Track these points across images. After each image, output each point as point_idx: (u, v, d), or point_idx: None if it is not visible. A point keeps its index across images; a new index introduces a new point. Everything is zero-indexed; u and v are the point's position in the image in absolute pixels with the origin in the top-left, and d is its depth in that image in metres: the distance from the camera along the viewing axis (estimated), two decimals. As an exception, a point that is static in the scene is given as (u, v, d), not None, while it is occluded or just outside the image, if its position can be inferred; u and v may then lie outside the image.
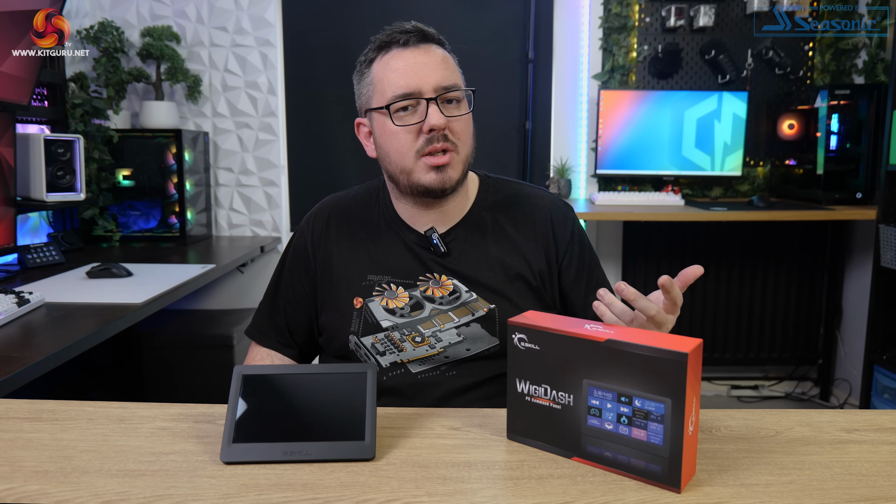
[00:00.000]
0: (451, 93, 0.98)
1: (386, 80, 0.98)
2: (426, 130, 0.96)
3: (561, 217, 1.10)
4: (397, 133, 0.98)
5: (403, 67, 0.98)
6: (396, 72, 0.98)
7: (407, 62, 0.98)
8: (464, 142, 1.01)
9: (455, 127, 0.99)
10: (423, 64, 0.98)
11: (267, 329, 1.14)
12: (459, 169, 1.00)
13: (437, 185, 0.99)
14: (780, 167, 2.86)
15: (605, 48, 2.79)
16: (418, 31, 1.00)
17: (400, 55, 0.99)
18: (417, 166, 0.99)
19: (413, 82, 0.96)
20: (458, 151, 1.00)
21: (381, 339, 1.02)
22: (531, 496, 0.63)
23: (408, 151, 0.98)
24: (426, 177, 0.99)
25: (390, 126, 0.99)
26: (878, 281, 2.34)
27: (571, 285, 1.08)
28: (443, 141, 0.97)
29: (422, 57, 0.98)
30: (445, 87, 0.98)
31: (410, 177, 1.00)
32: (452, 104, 0.99)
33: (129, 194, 2.53)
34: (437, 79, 0.97)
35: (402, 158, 0.99)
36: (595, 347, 0.67)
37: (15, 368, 1.09)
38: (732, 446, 0.74)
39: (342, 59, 2.77)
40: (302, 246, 1.12)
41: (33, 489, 0.64)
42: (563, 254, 1.08)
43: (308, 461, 0.69)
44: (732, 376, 3.05)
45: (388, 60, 0.99)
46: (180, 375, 2.40)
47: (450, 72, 1.00)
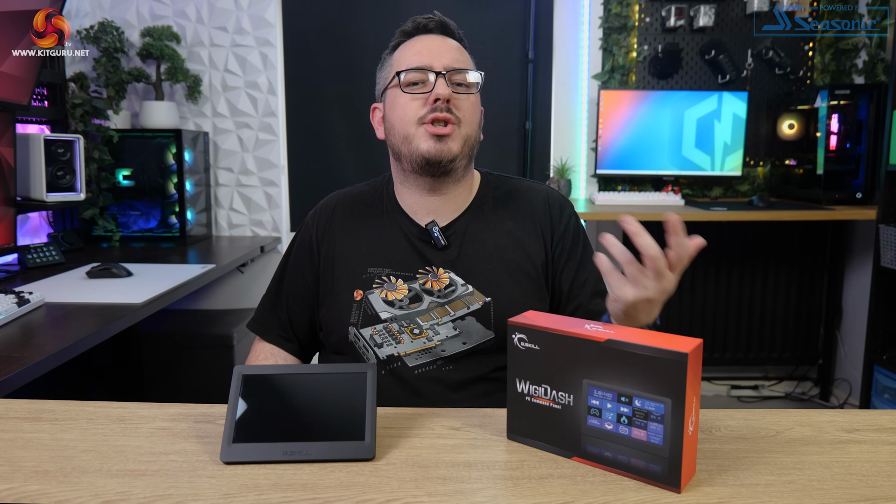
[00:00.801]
0: (460, 74, 1.04)
1: (402, 58, 1.06)
2: (431, 101, 1.01)
3: (557, 206, 1.12)
4: (405, 103, 1.03)
5: (419, 47, 1.05)
6: (412, 49, 1.06)
7: (424, 44, 1.06)
8: (468, 121, 1.04)
9: (460, 104, 1.03)
10: (439, 46, 1.05)
11: (269, 322, 1.16)
12: (460, 144, 1.03)
13: (436, 154, 1.01)
14: (780, 167, 2.86)
15: (605, 48, 2.79)
16: (440, 21, 1.08)
17: (419, 39, 1.07)
18: (418, 132, 1.02)
19: (426, 59, 1.03)
20: (461, 127, 1.03)
21: (379, 331, 1.03)
22: (531, 496, 0.63)
23: (412, 119, 1.02)
24: (426, 144, 1.01)
25: (400, 97, 1.04)
26: (878, 281, 2.35)
27: (561, 270, 1.09)
28: (446, 112, 1.01)
29: (439, 41, 1.06)
30: (455, 69, 1.03)
31: (411, 145, 1.03)
32: (461, 87, 1.05)
33: (129, 194, 2.53)
34: (449, 59, 1.04)
35: (406, 126, 1.03)
36: (595, 347, 0.67)
37: (15, 368, 1.09)
38: (732, 446, 0.74)
39: (342, 59, 2.77)
40: (306, 240, 1.14)
41: (33, 489, 0.64)
42: (557, 240, 1.09)
43: (308, 461, 0.69)
44: (732, 376, 3.05)
45: (409, 44, 1.07)
46: (180, 375, 2.40)
47: (463, 58, 1.06)
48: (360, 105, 2.76)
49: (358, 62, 2.76)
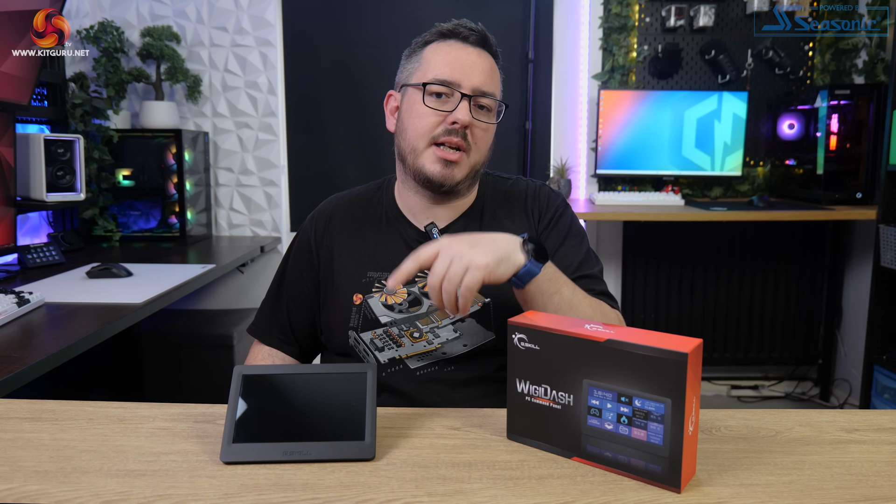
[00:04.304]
0: (486, 99, 1.02)
1: (434, 62, 1.02)
2: (450, 122, 0.99)
3: (544, 197, 1.12)
4: (423, 114, 1.01)
5: (454, 58, 1.01)
6: (447, 58, 1.01)
7: (459, 55, 1.02)
8: (479, 148, 1.03)
9: (476, 132, 1.02)
10: (473, 64, 1.01)
11: (269, 326, 1.15)
12: (465, 172, 1.02)
13: (439, 179, 1.00)
14: (780, 167, 2.86)
15: (605, 48, 2.79)
16: (482, 34, 1.04)
17: (456, 47, 1.03)
18: (427, 152, 1.01)
19: (457, 74, 1.00)
20: (470, 156, 1.02)
21: (379, 335, 1.03)
22: (531, 496, 0.63)
23: (425, 134, 1.01)
24: (432, 166, 1.00)
25: (419, 105, 1.01)
26: (878, 281, 2.34)
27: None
28: (460, 138, 0.99)
29: (474, 57, 1.02)
30: (483, 92, 1.01)
31: (417, 160, 1.02)
32: (483, 111, 1.03)
33: (129, 194, 2.53)
34: (480, 81, 1.01)
35: (418, 139, 1.01)
36: (595, 347, 0.67)
37: (15, 368, 1.09)
38: (732, 446, 0.74)
39: (342, 59, 2.77)
40: (305, 243, 1.13)
41: (33, 489, 0.64)
42: (542, 229, 1.09)
43: (308, 461, 0.69)
44: (732, 376, 3.05)
45: (444, 48, 1.03)
46: (180, 375, 2.40)
47: (493, 81, 1.04)
48: (360, 105, 2.76)
49: (358, 62, 2.76)
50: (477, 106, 1.01)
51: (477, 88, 1.00)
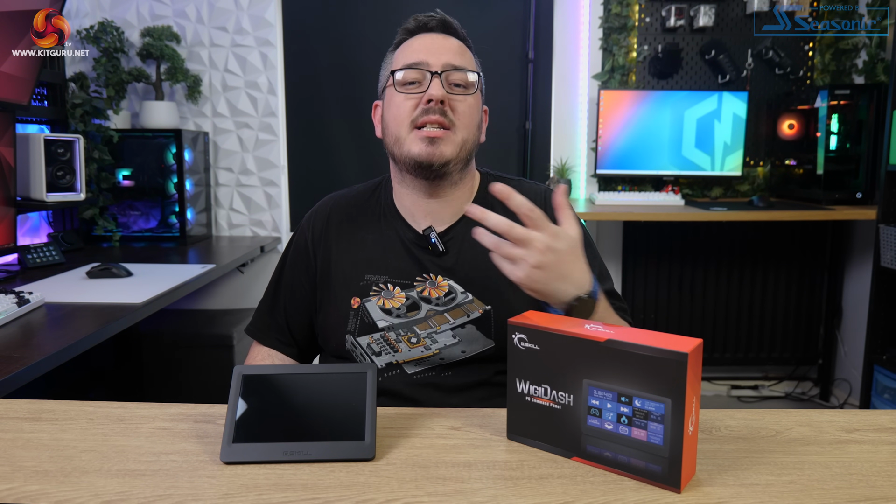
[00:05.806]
0: (458, 73, 1.01)
1: (400, 56, 1.04)
2: (425, 101, 0.98)
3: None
4: (399, 102, 1.00)
5: (418, 45, 1.03)
6: (411, 48, 1.03)
7: (424, 42, 1.03)
8: (464, 124, 1.01)
9: (457, 107, 1.00)
10: (439, 45, 1.02)
11: (267, 327, 1.14)
12: (454, 148, 1.00)
13: (427, 158, 0.98)
14: (780, 167, 2.86)
15: (605, 48, 2.79)
16: (442, 19, 1.05)
17: (420, 37, 1.04)
18: (410, 136, 1.00)
19: (423, 56, 1.00)
20: (456, 132, 1.00)
21: (376, 340, 1.02)
22: (531, 496, 0.63)
23: (404, 120, 1.00)
24: (416, 147, 0.99)
25: (395, 96, 1.01)
26: (878, 281, 2.35)
27: None
28: (439, 115, 0.98)
29: (439, 40, 1.03)
30: (454, 66, 1.00)
31: (402, 147, 1.01)
32: (460, 87, 1.01)
33: (129, 194, 2.53)
34: (448, 57, 1.01)
35: (399, 127, 1.01)
36: (595, 347, 0.67)
37: (15, 368, 1.09)
38: (732, 446, 0.74)
39: (342, 59, 2.77)
40: (302, 244, 1.12)
41: (33, 489, 0.64)
42: None
43: (308, 461, 0.69)
44: (732, 376, 3.05)
45: (409, 42, 1.04)
46: (180, 375, 2.40)
47: (463, 57, 1.03)
48: (360, 105, 2.76)
49: (358, 62, 2.76)
50: (453, 84, 1.00)
51: (447, 64, 1.00)
